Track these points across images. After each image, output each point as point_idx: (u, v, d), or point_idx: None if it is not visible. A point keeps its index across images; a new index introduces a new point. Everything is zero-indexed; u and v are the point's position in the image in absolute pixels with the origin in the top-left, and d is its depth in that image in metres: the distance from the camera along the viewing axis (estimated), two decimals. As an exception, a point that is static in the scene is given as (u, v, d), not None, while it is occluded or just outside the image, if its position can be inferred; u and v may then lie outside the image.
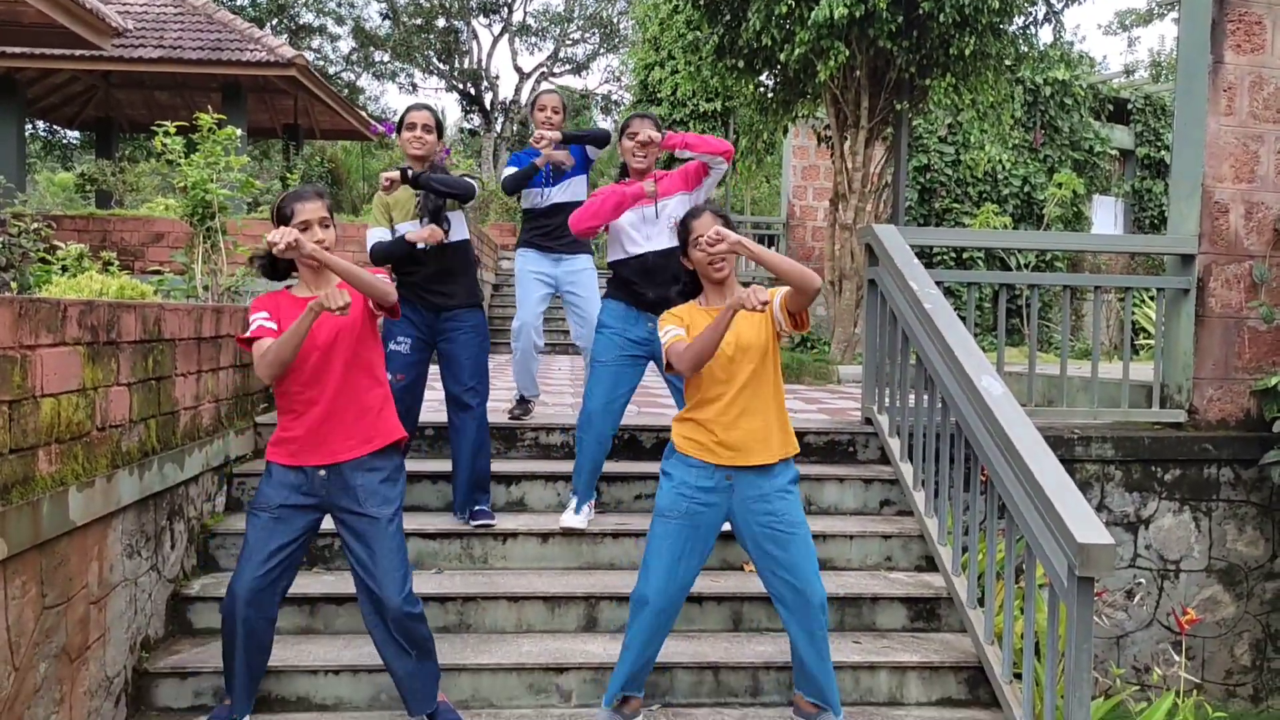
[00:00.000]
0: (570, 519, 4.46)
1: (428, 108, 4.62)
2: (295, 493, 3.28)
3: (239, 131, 5.48)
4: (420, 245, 4.39)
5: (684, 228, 3.47)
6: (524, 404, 5.55)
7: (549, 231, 5.41)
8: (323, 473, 3.28)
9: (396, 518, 3.33)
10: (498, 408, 5.99)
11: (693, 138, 4.41)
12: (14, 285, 4.56)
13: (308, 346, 3.22)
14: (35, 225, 4.85)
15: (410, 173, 4.39)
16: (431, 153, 4.52)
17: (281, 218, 3.30)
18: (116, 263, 5.14)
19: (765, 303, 3.11)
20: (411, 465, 4.84)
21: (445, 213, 4.47)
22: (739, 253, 3.28)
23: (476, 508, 4.52)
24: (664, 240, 4.42)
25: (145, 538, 3.69)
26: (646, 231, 4.45)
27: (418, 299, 4.49)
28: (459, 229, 4.56)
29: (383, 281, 3.27)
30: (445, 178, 4.43)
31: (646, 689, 3.71)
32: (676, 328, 3.38)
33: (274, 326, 3.23)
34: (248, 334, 3.24)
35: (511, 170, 5.27)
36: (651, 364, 4.55)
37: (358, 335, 3.31)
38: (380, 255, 4.47)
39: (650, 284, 4.39)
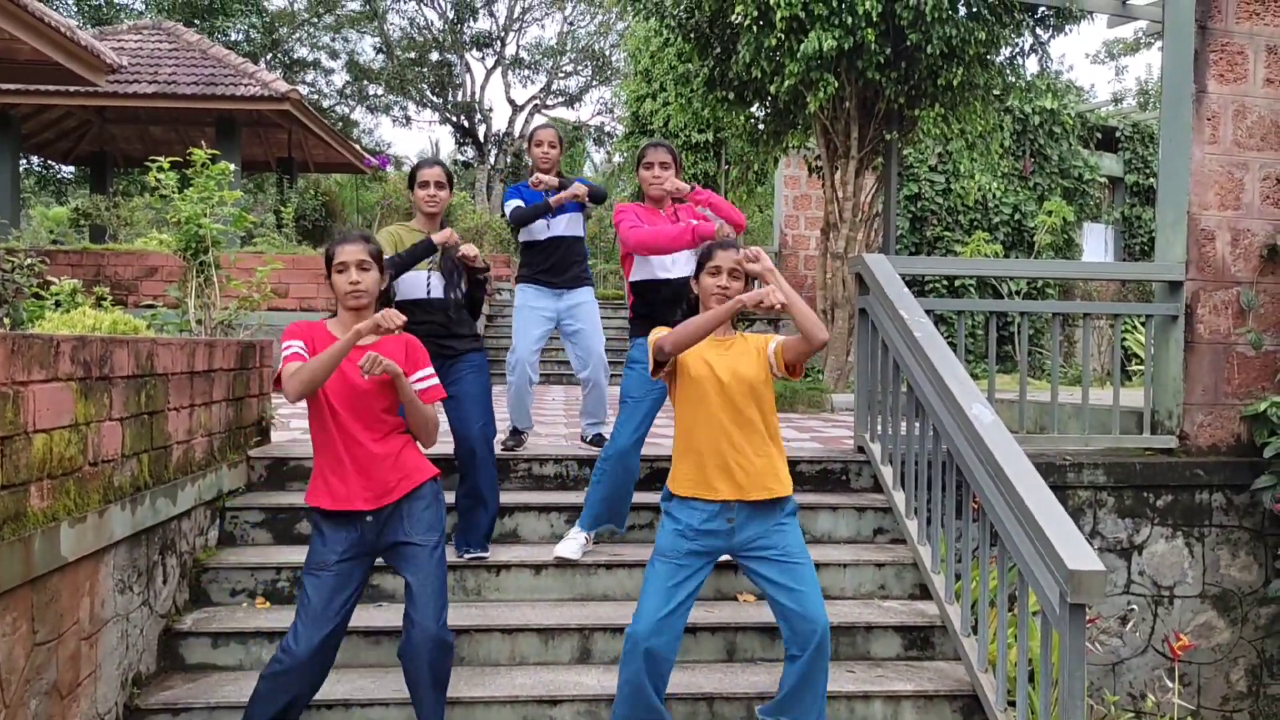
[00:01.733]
0: (563, 549, 4.46)
1: (439, 163, 4.65)
2: (350, 546, 3.30)
3: (232, 166, 5.51)
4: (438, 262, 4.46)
5: (707, 253, 3.47)
6: (517, 435, 5.55)
7: (551, 266, 5.46)
8: (370, 518, 3.30)
9: (440, 546, 3.37)
10: (540, 442, 5.97)
11: (717, 199, 4.57)
12: (7, 321, 4.57)
13: (343, 391, 3.26)
14: (29, 261, 4.87)
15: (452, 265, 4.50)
16: (443, 209, 4.61)
17: (328, 259, 3.38)
18: (110, 297, 5.16)
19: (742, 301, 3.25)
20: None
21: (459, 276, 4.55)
22: (767, 280, 3.32)
23: (473, 540, 4.50)
24: (689, 267, 4.47)
25: (137, 573, 3.68)
26: (675, 255, 4.52)
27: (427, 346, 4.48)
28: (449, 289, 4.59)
29: (435, 425, 3.42)
30: (479, 274, 4.58)
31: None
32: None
33: (307, 354, 3.27)
34: (281, 364, 3.26)
35: (518, 204, 5.33)
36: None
37: (390, 397, 3.34)
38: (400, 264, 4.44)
39: (677, 310, 4.44)
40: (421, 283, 4.52)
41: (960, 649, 4.09)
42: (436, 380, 3.46)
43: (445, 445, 5.00)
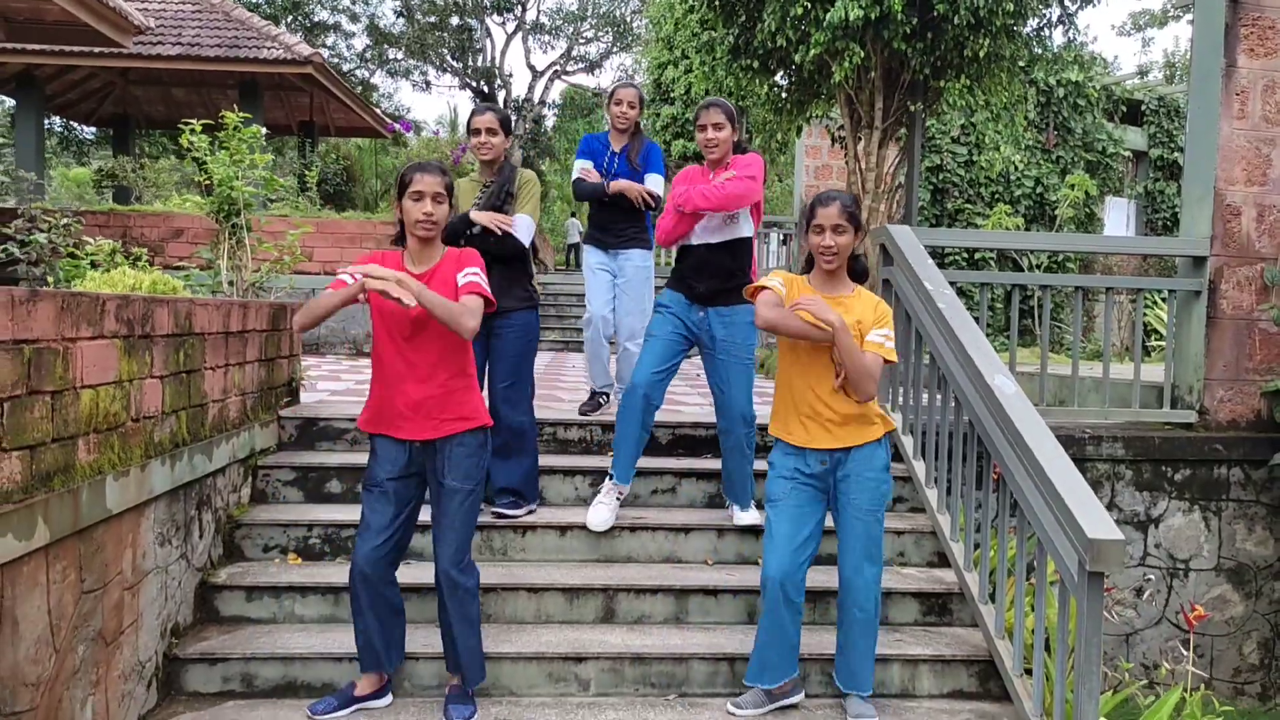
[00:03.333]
0: (594, 520, 4.53)
1: (491, 109, 4.62)
2: (398, 466, 3.47)
3: (263, 130, 5.57)
4: (476, 229, 4.47)
5: (809, 210, 3.59)
6: (594, 399, 5.65)
7: (606, 226, 5.61)
8: (419, 444, 3.46)
9: (473, 494, 3.50)
10: (547, 406, 5.98)
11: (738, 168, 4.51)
12: (50, 280, 4.66)
13: (402, 316, 3.34)
14: (65, 221, 4.95)
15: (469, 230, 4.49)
16: (500, 156, 4.60)
17: (401, 185, 3.43)
18: (146, 258, 5.24)
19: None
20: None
21: (506, 207, 4.55)
22: (822, 330, 3.43)
23: (502, 500, 4.58)
24: (718, 233, 4.50)
25: (175, 527, 3.78)
26: (704, 223, 4.53)
27: None
28: (520, 233, 4.56)
29: (468, 313, 3.32)
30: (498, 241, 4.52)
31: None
32: (780, 283, 3.55)
33: (351, 283, 3.30)
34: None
35: (580, 175, 5.51)
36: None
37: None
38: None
39: (700, 277, 4.50)
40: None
41: (978, 616, 4.16)
42: (478, 278, 3.43)
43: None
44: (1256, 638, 5.77)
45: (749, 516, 4.55)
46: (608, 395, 5.77)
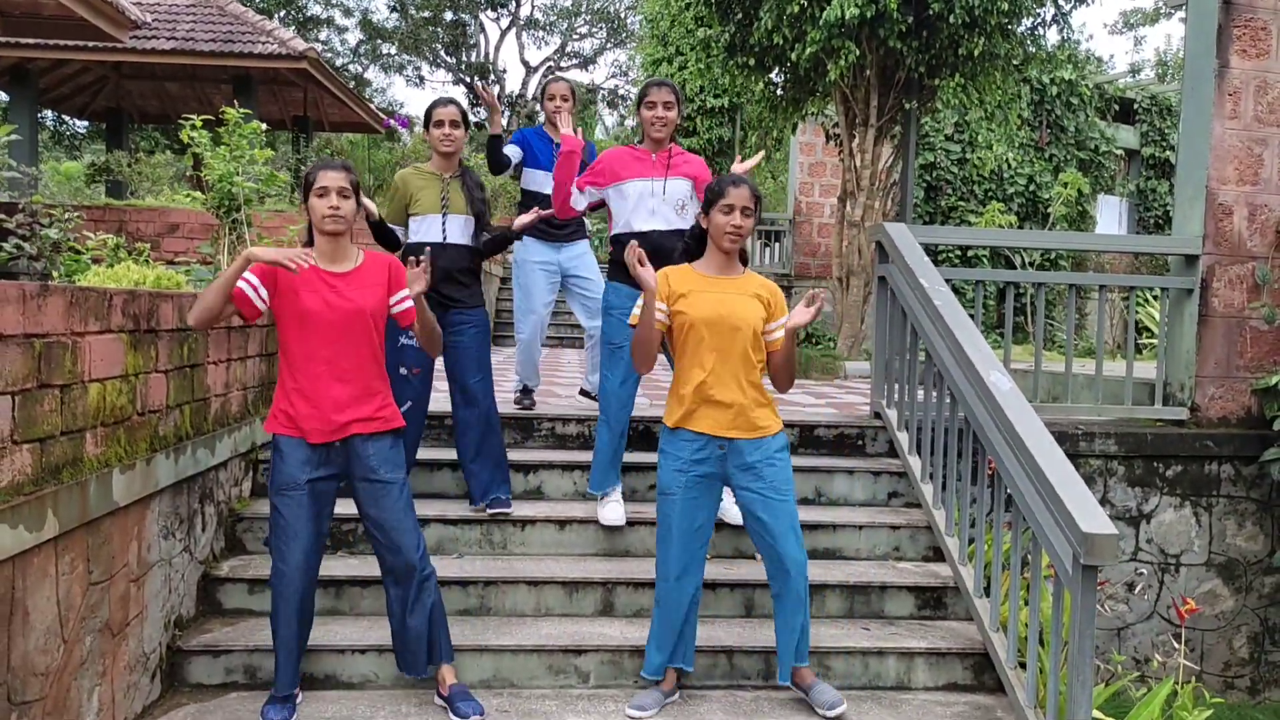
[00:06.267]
0: (609, 517, 4.54)
1: (454, 102, 4.65)
2: (315, 467, 3.41)
3: (263, 126, 5.59)
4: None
5: (717, 188, 3.54)
6: (529, 394, 5.69)
7: (551, 220, 5.47)
8: (338, 444, 3.43)
9: (407, 483, 3.54)
10: (504, 399, 6.07)
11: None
12: (55, 276, 4.68)
13: (326, 317, 3.35)
14: (67, 216, 4.96)
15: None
16: (460, 148, 4.62)
17: (307, 184, 3.46)
18: (147, 253, 5.26)
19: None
20: (432, 454, 4.97)
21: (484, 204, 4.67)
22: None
23: (493, 496, 4.62)
24: (669, 219, 4.43)
25: (179, 520, 3.81)
26: (653, 205, 4.43)
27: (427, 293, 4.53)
28: (463, 234, 4.64)
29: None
30: (492, 239, 4.75)
31: (664, 672, 3.85)
32: (646, 294, 3.54)
33: (251, 293, 3.33)
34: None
35: (510, 153, 5.57)
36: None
37: (375, 323, 3.46)
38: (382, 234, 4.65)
39: (653, 264, 4.47)
40: (437, 226, 4.57)
41: (972, 609, 4.21)
42: (411, 303, 3.50)
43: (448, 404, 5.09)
44: (1246, 632, 5.84)
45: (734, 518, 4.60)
46: (537, 387, 5.83)
